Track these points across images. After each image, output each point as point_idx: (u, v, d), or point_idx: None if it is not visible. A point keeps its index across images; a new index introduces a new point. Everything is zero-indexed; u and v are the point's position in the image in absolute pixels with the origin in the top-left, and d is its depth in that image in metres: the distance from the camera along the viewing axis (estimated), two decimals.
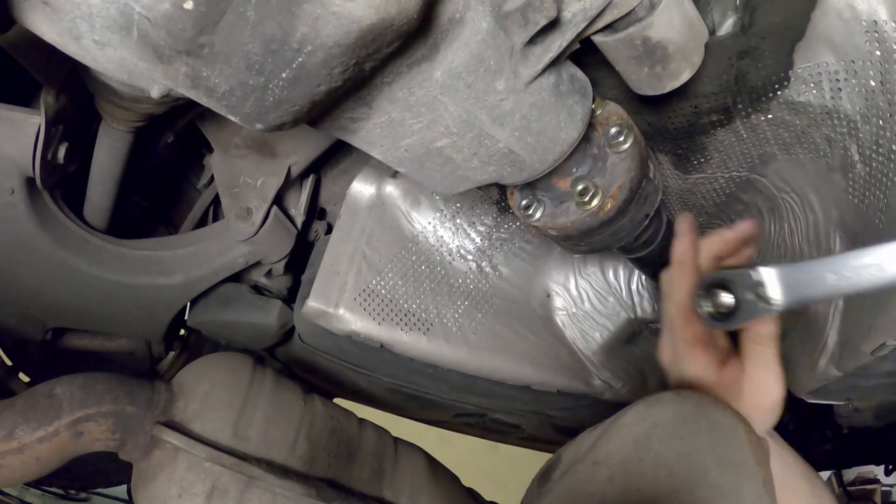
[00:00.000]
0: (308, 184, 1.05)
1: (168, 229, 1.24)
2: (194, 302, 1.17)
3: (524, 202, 0.80)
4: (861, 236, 0.77)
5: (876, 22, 0.64)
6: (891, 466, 1.66)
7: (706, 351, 0.72)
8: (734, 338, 0.75)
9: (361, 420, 1.05)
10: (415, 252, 1.00)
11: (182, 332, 1.45)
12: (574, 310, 1.05)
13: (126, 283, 1.05)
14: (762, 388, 0.70)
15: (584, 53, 0.65)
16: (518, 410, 1.27)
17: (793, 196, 0.85)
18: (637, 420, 0.68)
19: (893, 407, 1.26)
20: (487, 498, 1.16)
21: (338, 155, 1.09)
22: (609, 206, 0.74)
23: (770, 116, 0.77)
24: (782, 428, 1.60)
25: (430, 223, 1.00)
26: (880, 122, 0.69)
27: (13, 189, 0.86)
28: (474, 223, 1.01)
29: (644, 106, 0.83)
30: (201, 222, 1.15)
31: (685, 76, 0.67)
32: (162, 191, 1.20)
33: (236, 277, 1.13)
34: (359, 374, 1.20)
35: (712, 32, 0.72)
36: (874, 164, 0.72)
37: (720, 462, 0.62)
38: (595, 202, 0.73)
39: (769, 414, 0.71)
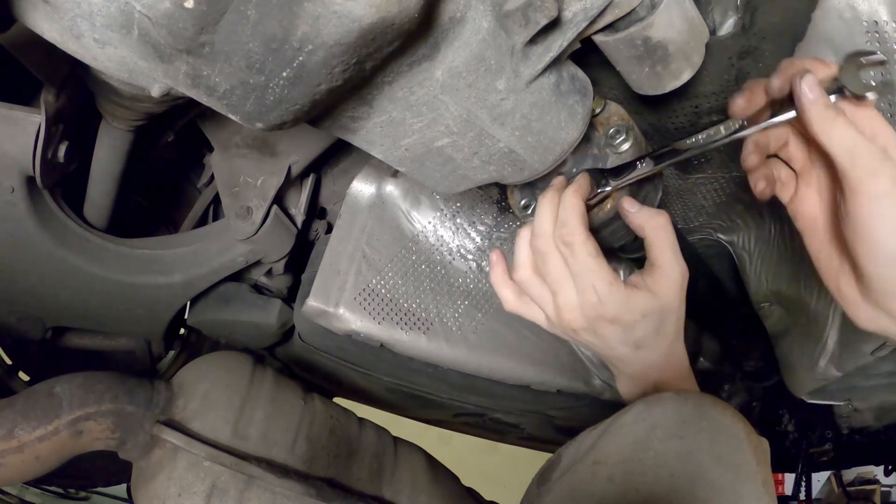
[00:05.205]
0: (308, 183, 1.05)
1: (168, 228, 1.24)
2: (194, 301, 1.17)
3: (524, 201, 0.80)
4: None
5: (877, 22, 0.65)
6: (890, 467, 1.66)
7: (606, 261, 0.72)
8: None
9: (361, 419, 1.05)
10: (415, 251, 1.00)
11: (182, 331, 1.45)
12: None
13: (126, 282, 1.05)
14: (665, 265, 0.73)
15: (585, 53, 0.65)
16: (518, 410, 1.27)
17: None
18: (637, 420, 0.68)
19: (893, 407, 1.26)
20: (487, 498, 1.16)
21: (338, 154, 1.09)
22: (609, 206, 0.74)
23: None
24: (783, 428, 1.60)
25: (430, 223, 1.00)
26: None
27: (13, 188, 0.85)
28: (474, 223, 1.01)
29: (644, 106, 0.83)
30: (201, 221, 1.15)
31: (686, 76, 0.67)
32: (162, 190, 1.20)
33: (236, 276, 1.13)
34: (359, 373, 1.20)
35: (713, 32, 0.72)
36: None
37: (720, 462, 0.62)
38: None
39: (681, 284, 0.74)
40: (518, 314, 0.78)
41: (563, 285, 0.71)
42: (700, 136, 0.68)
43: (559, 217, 0.69)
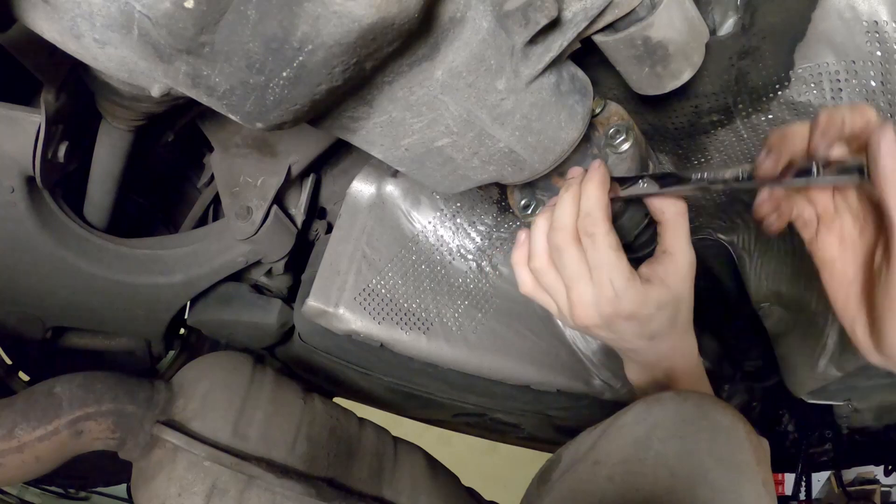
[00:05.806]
0: (308, 183, 1.05)
1: (168, 228, 1.24)
2: (194, 301, 1.17)
3: (524, 201, 0.80)
4: None
5: (877, 22, 0.65)
6: (890, 467, 1.66)
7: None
8: None
9: (361, 419, 1.05)
10: (415, 251, 1.00)
11: (182, 331, 1.45)
12: None
13: (126, 282, 1.05)
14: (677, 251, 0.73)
15: (585, 53, 0.65)
16: (518, 410, 1.27)
17: None
18: (637, 420, 0.68)
19: (893, 407, 1.26)
20: (487, 498, 1.17)
21: (338, 154, 1.09)
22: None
23: (770, 116, 0.77)
24: (783, 428, 1.60)
25: (430, 223, 1.00)
26: None
27: (13, 188, 0.86)
28: (474, 223, 1.01)
29: (644, 106, 0.83)
30: (201, 221, 1.15)
31: (686, 76, 0.67)
32: (162, 190, 1.20)
33: (236, 276, 1.13)
34: (359, 373, 1.20)
35: (713, 32, 0.72)
36: None
37: (720, 462, 0.62)
38: None
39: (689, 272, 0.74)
40: (532, 298, 0.77)
41: (579, 281, 0.70)
42: (709, 175, 0.67)
43: (583, 207, 0.69)
